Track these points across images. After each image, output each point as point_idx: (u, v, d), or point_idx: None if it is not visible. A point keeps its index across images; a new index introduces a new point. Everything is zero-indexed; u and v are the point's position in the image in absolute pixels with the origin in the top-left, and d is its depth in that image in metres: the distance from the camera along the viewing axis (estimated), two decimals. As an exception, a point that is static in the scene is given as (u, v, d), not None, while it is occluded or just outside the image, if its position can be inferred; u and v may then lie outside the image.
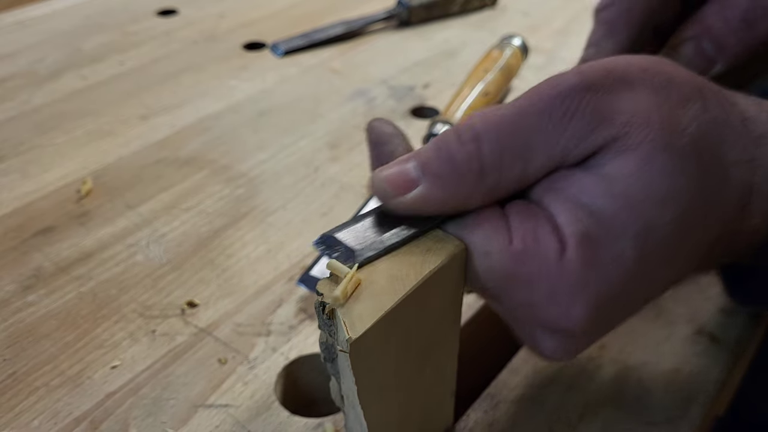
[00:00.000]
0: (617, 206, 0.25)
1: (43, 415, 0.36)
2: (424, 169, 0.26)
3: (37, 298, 0.43)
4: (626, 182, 0.25)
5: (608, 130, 0.25)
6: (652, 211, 0.25)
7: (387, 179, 0.27)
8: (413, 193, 0.26)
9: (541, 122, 0.26)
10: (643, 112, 0.25)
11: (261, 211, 0.50)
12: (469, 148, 0.26)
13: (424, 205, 0.26)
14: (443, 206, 0.27)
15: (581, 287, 0.25)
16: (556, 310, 0.26)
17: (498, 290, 0.27)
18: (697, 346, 0.40)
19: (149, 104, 0.63)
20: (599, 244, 0.25)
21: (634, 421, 0.36)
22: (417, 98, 0.65)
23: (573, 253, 0.25)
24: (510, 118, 0.26)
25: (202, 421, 0.36)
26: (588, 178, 0.26)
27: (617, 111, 0.25)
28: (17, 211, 0.50)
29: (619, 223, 0.25)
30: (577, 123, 0.25)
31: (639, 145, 0.25)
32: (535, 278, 0.26)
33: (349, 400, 0.28)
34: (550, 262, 0.25)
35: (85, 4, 0.83)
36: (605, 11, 0.38)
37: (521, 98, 0.27)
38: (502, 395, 0.37)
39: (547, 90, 0.26)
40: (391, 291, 0.25)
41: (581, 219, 0.25)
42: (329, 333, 0.26)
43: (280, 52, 0.72)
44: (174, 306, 0.42)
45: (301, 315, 0.42)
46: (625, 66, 0.27)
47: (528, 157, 0.26)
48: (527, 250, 0.25)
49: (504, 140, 0.26)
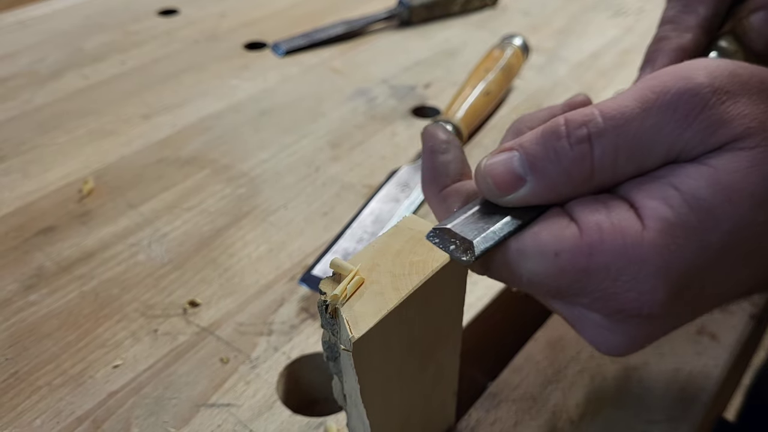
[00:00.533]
0: (719, 198, 0.25)
1: (45, 414, 0.36)
2: (532, 167, 0.26)
3: (39, 298, 0.43)
4: (733, 177, 0.25)
5: (730, 131, 0.25)
6: (749, 211, 0.25)
7: (493, 176, 0.26)
8: (520, 193, 0.26)
9: (665, 119, 0.25)
10: (760, 119, 0.25)
11: (262, 211, 0.50)
12: (581, 149, 0.25)
13: (529, 202, 0.26)
14: (551, 201, 0.26)
15: (666, 270, 0.25)
16: (637, 295, 0.25)
17: (569, 288, 0.26)
18: (697, 346, 0.40)
19: (150, 104, 0.63)
20: (689, 232, 0.25)
21: (634, 421, 0.36)
22: (418, 98, 0.65)
23: (656, 236, 0.24)
24: (631, 114, 0.25)
25: (204, 421, 0.36)
26: (695, 168, 0.25)
27: (740, 115, 0.25)
28: (19, 211, 0.50)
29: (716, 215, 0.25)
30: (701, 124, 0.25)
31: (754, 148, 0.25)
32: (613, 266, 0.25)
33: (352, 399, 0.28)
34: (631, 245, 0.25)
35: (86, 4, 0.83)
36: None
37: (644, 88, 0.26)
38: (503, 394, 0.37)
39: (675, 84, 0.25)
40: (393, 290, 0.25)
41: (674, 205, 0.25)
42: (332, 332, 0.26)
43: (281, 52, 0.72)
44: (176, 305, 0.42)
45: (303, 314, 0.42)
46: (749, 74, 0.26)
47: (645, 159, 0.25)
48: (603, 239, 0.25)
49: (621, 141, 0.25)
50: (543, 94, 0.66)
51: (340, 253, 0.46)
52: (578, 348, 0.40)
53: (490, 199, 0.27)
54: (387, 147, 0.57)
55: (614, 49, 0.74)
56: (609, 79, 0.68)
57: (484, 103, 0.59)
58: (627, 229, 0.25)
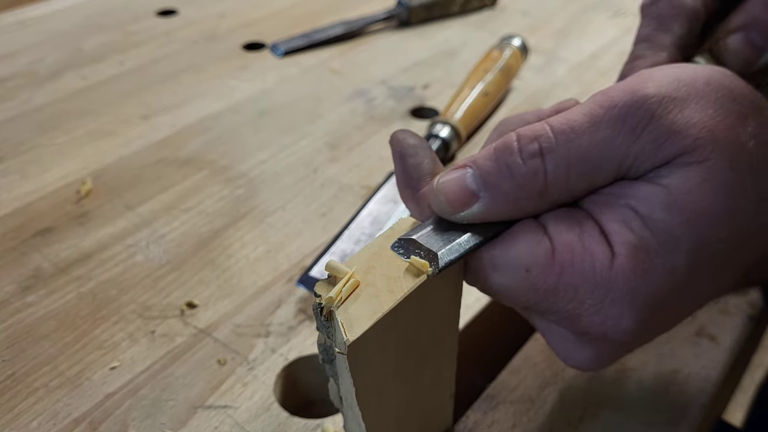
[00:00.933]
0: (676, 220, 0.25)
1: (42, 416, 0.36)
2: (485, 182, 0.26)
3: (37, 299, 0.43)
4: (688, 197, 0.25)
5: (678, 143, 0.25)
6: (708, 229, 0.25)
7: (446, 194, 0.26)
8: (473, 210, 0.26)
9: (614, 133, 0.25)
10: (709, 127, 0.25)
11: (260, 212, 0.50)
12: (533, 164, 0.25)
13: (484, 219, 0.26)
14: (506, 218, 0.26)
15: (632, 297, 0.25)
16: (602, 320, 0.25)
17: (537, 304, 0.26)
18: (697, 346, 0.40)
19: (149, 104, 0.63)
20: (652, 255, 0.25)
21: (634, 422, 0.36)
22: (417, 98, 0.65)
23: (625, 261, 0.25)
24: (580, 128, 0.25)
25: (201, 422, 0.36)
26: (649, 188, 0.25)
27: (688, 124, 0.25)
28: (17, 212, 0.50)
29: (675, 237, 0.25)
30: (649, 135, 0.25)
31: (704, 161, 0.25)
32: (581, 288, 0.25)
33: (348, 402, 0.28)
34: (599, 270, 0.25)
35: (85, 4, 0.83)
36: (653, 6, 0.38)
37: (592, 103, 0.26)
38: (501, 396, 0.37)
39: (622, 97, 0.25)
40: (389, 293, 0.25)
41: (635, 228, 0.25)
42: (327, 335, 0.26)
43: (280, 53, 0.72)
44: (173, 307, 0.42)
45: (301, 316, 0.42)
46: (692, 76, 0.26)
47: (596, 174, 0.25)
48: (574, 261, 0.25)
49: (572, 157, 0.25)
50: (542, 95, 0.66)
51: (338, 254, 0.46)
52: (576, 350, 0.40)
53: (444, 216, 0.27)
54: (385, 148, 0.57)
55: (613, 49, 0.74)
56: (608, 79, 0.68)
57: (482, 104, 0.59)
58: (597, 253, 0.25)
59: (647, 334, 0.27)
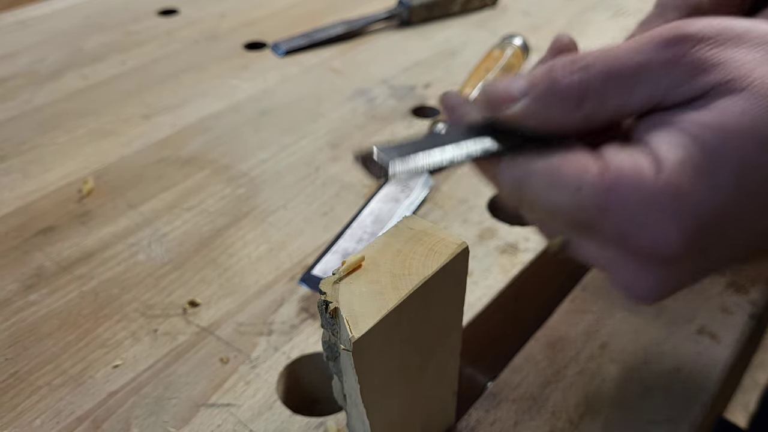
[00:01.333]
0: (723, 138, 0.25)
1: (45, 414, 0.36)
2: (531, 88, 0.28)
3: (39, 298, 0.43)
4: (734, 117, 0.25)
5: (717, 74, 0.26)
6: (753, 151, 0.25)
7: (496, 90, 0.28)
8: (515, 107, 0.28)
9: (653, 57, 0.26)
10: (749, 64, 0.26)
11: (262, 211, 0.50)
12: (577, 76, 0.27)
13: (523, 119, 0.28)
14: (542, 124, 0.28)
15: (677, 209, 0.26)
16: (651, 234, 0.26)
17: (585, 225, 0.27)
18: (698, 345, 0.40)
19: (150, 104, 0.63)
20: (699, 172, 0.25)
21: (635, 421, 0.36)
22: (418, 98, 0.65)
23: (672, 175, 0.25)
24: (624, 51, 0.27)
25: (204, 421, 0.36)
26: (696, 111, 0.26)
27: (728, 59, 0.26)
28: (19, 211, 0.50)
29: (722, 156, 0.25)
30: (687, 65, 0.26)
31: (745, 89, 0.26)
32: (629, 204, 0.26)
33: (352, 399, 0.28)
34: (646, 183, 0.26)
35: (86, 4, 0.83)
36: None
37: (638, 36, 0.27)
38: (503, 394, 0.37)
39: (666, 31, 0.27)
40: (394, 290, 0.25)
41: (683, 146, 0.26)
42: (332, 332, 0.26)
43: (281, 52, 0.72)
44: (176, 305, 0.42)
45: (303, 314, 0.42)
46: (744, 27, 0.27)
47: (631, 92, 0.27)
48: (622, 177, 0.26)
49: (611, 71, 0.27)
50: (543, 94, 0.66)
51: (339, 253, 0.46)
52: (578, 348, 0.40)
53: (484, 111, 0.29)
54: (387, 147, 0.57)
55: (614, 49, 0.74)
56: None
57: (484, 103, 0.59)
58: (644, 169, 0.26)
59: (702, 257, 0.28)
